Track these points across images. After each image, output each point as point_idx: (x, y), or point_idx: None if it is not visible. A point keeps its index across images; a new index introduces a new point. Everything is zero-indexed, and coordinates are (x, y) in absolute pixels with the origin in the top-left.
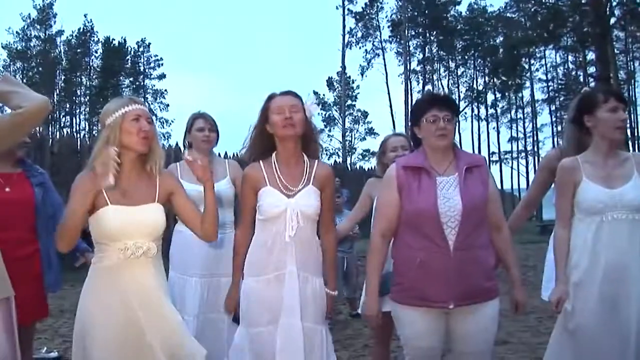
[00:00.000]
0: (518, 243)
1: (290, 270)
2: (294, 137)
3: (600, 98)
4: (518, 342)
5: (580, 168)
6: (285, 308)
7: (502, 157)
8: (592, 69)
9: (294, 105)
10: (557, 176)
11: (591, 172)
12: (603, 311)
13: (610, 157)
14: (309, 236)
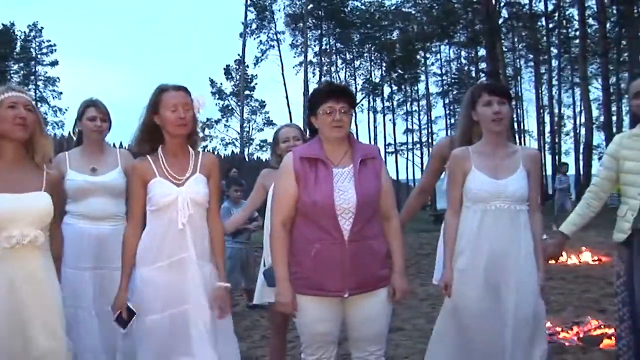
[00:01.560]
0: (413, 232)
1: (189, 255)
2: (182, 134)
3: (476, 93)
4: (412, 329)
5: (470, 158)
6: (189, 293)
7: (397, 148)
8: (483, 65)
9: (187, 104)
10: (449, 165)
11: (480, 162)
12: (486, 296)
13: (499, 149)
14: (200, 223)
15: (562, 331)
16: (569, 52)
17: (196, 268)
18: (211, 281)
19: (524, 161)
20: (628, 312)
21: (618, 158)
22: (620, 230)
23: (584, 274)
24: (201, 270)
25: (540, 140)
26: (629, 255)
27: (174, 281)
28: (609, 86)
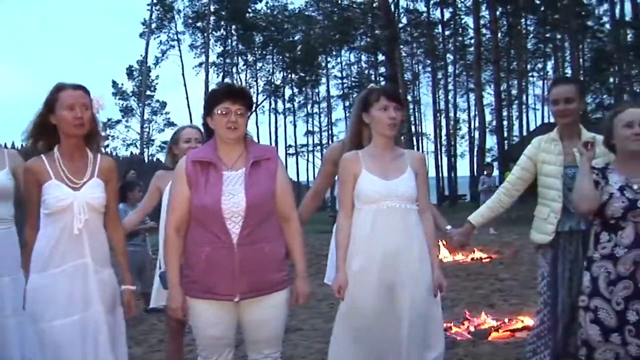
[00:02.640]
0: (313, 232)
1: (85, 262)
2: (79, 135)
3: (373, 97)
4: (311, 329)
5: (360, 161)
6: (86, 299)
7: (298, 150)
8: (383, 69)
9: (85, 103)
10: (340, 168)
11: (370, 165)
12: (381, 296)
13: (388, 152)
14: (97, 228)
15: (454, 326)
16: (464, 59)
17: (93, 274)
18: (111, 287)
19: (412, 163)
20: (549, 314)
21: (536, 161)
22: (543, 232)
23: (475, 271)
24: (99, 276)
25: (437, 143)
26: (554, 257)
27: (70, 288)
28: (501, 92)
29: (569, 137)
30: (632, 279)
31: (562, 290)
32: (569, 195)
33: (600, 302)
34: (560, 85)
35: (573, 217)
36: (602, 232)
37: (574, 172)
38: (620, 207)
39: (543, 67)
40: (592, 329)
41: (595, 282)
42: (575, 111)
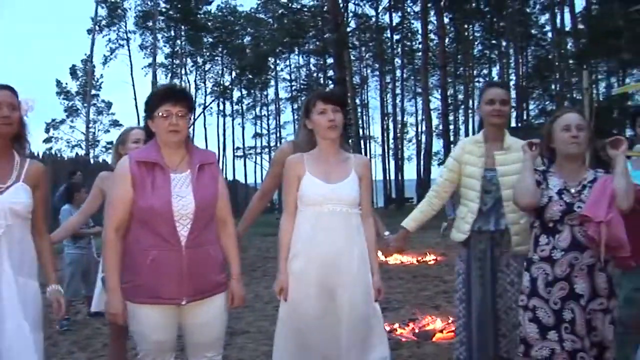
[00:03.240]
0: (260, 235)
1: (4, 271)
2: (6, 135)
3: (311, 103)
4: (257, 331)
5: (304, 163)
6: (6, 311)
7: (246, 152)
8: (331, 72)
9: (12, 104)
10: (284, 170)
11: (313, 168)
12: (321, 298)
13: (332, 155)
14: (20, 236)
15: (399, 328)
16: (412, 63)
17: (11, 283)
18: (33, 297)
19: (356, 167)
20: (464, 310)
21: (461, 162)
22: (460, 230)
23: (421, 273)
24: (18, 285)
25: (384, 146)
26: (467, 255)
27: None
28: (447, 97)
29: (493, 140)
30: (568, 280)
31: (475, 288)
32: (484, 197)
33: (539, 301)
34: (496, 87)
35: (485, 218)
36: (541, 235)
37: (493, 175)
38: (558, 211)
39: (489, 72)
40: (530, 327)
41: (534, 283)
42: (507, 114)
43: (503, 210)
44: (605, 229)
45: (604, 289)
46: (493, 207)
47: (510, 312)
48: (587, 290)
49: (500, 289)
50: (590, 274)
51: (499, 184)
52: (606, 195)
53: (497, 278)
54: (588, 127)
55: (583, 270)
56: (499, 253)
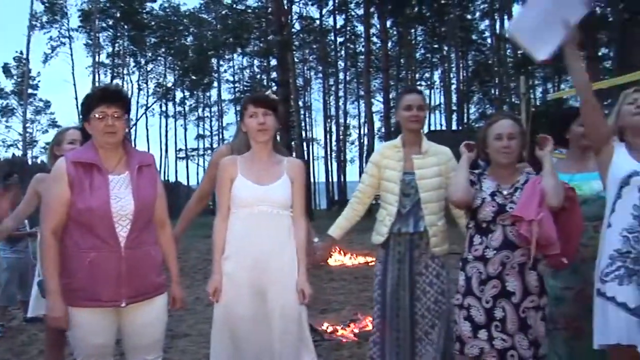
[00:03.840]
0: (201, 237)
1: None
2: None
3: (244, 106)
4: (198, 334)
5: (237, 165)
6: None
7: (188, 154)
8: (275, 74)
9: None
10: (217, 172)
11: (245, 170)
12: (252, 299)
13: (265, 158)
14: None
15: (340, 328)
16: (355, 66)
17: None
18: None
19: (288, 170)
20: (378, 311)
21: (380, 166)
22: (379, 233)
23: (362, 274)
24: None
25: (327, 148)
26: (385, 257)
27: None
28: (390, 100)
29: (411, 145)
30: (500, 278)
31: (391, 289)
32: (403, 200)
33: (472, 300)
34: (413, 93)
35: (404, 220)
36: (475, 235)
37: (411, 178)
38: (490, 212)
39: (430, 76)
40: (464, 325)
41: (469, 282)
42: (423, 118)
43: (422, 213)
44: (536, 227)
45: (535, 286)
46: (412, 210)
47: (427, 315)
48: (518, 288)
49: (419, 291)
50: (522, 272)
51: (417, 186)
52: (536, 195)
53: (416, 281)
54: (521, 134)
55: (514, 269)
56: (418, 254)
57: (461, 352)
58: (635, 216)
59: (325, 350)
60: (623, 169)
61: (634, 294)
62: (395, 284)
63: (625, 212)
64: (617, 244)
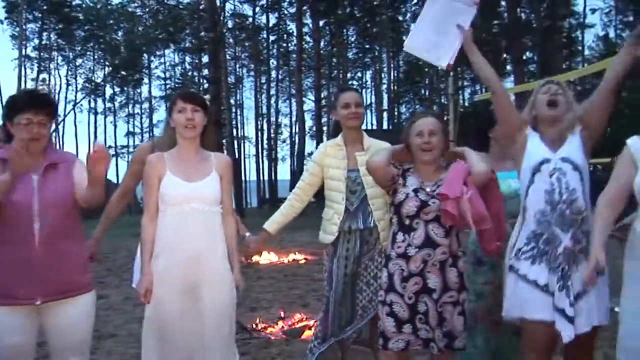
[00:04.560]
0: (130, 235)
1: None
2: None
3: (172, 101)
4: (126, 334)
5: (165, 162)
6: None
7: (118, 151)
8: (207, 71)
9: None
10: (144, 170)
11: (174, 167)
12: (184, 297)
13: (192, 154)
14: None
15: (269, 326)
16: (287, 65)
17: None
18: None
19: (217, 166)
20: (324, 306)
21: (323, 165)
22: (327, 232)
23: (292, 272)
24: None
25: (258, 146)
26: (333, 254)
27: None
28: (321, 99)
29: (352, 143)
30: (421, 275)
31: (337, 285)
32: (350, 197)
33: (395, 296)
34: (350, 91)
35: (353, 217)
36: (398, 233)
37: (356, 175)
38: (414, 206)
39: (362, 76)
40: (388, 321)
41: (391, 279)
42: (362, 115)
43: (370, 209)
44: (467, 204)
45: (455, 282)
46: (360, 206)
47: (368, 306)
48: (439, 284)
49: (362, 284)
50: (442, 270)
51: (363, 183)
52: (460, 175)
53: (359, 274)
54: (443, 132)
55: (435, 266)
56: (367, 250)
57: (384, 347)
58: (547, 201)
59: (254, 348)
60: (535, 157)
61: (543, 273)
62: (342, 281)
63: (539, 197)
64: (532, 225)
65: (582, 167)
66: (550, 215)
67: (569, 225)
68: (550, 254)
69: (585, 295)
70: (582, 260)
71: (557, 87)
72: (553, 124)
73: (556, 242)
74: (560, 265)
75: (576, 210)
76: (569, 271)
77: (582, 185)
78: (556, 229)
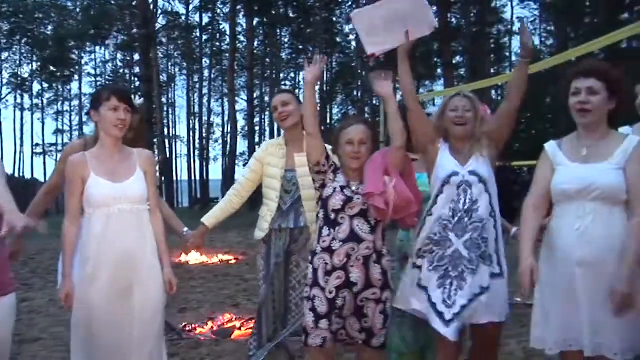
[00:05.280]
0: (57, 236)
1: None
2: None
3: (104, 96)
4: (51, 338)
5: (87, 163)
6: None
7: (46, 149)
8: (138, 69)
9: None
10: (66, 172)
11: (98, 168)
12: (114, 299)
13: (116, 153)
14: None
15: (198, 327)
16: (220, 64)
17: None
18: None
19: (141, 163)
20: (258, 306)
21: (263, 163)
22: (260, 229)
23: (222, 272)
24: None
25: (190, 146)
26: (267, 252)
27: None
28: (254, 99)
29: (293, 143)
30: (344, 269)
31: (271, 282)
32: (284, 197)
33: (317, 291)
34: (281, 93)
35: (284, 216)
36: (324, 227)
37: (292, 175)
38: (340, 200)
39: (295, 77)
40: (309, 317)
41: (316, 273)
42: (293, 113)
43: (302, 210)
44: (392, 194)
45: (378, 280)
46: (292, 206)
47: (300, 304)
48: (361, 279)
49: (294, 282)
50: (366, 265)
51: (298, 184)
52: (378, 167)
53: (292, 272)
54: (372, 139)
55: (359, 261)
56: (297, 249)
57: (305, 343)
58: (451, 208)
59: (183, 349)
60: (445, 170)
61: (426, 270)
62: (276, 278)
63: (445, 204)
64: (434, 229)
65: (487, 179)
66: (449, 220)
67: (465, 232)
68: (435, 254)
69: (480, 296)
70: (481, 264)
71: (465, 103)
72: (462, 140)
73: (446, 245)
74: (445, 266)
75: (476, 218)
76: (452, 272)
77: (487, 196)
78: (451, 233)
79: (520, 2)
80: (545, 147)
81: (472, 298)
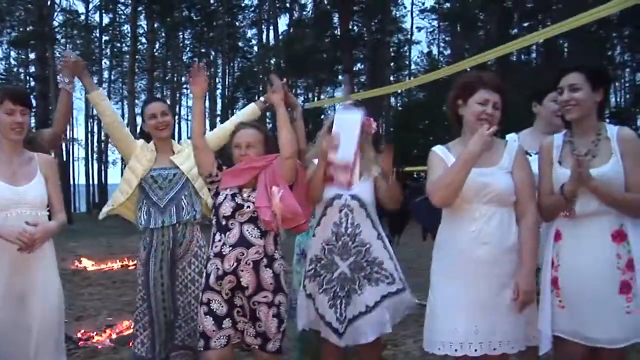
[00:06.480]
0: None
1: None
2: None
3: (1, 99)
4: None
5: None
6: None
7: None
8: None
9: None
10: None
11: (2, 171)
12: (11, 305)
13: (15, 156)
14: None
15: (95, 335)
16: (120, 65)
17: None
18: None
19: (41, 168)
20: (146, 309)
21: (134, 148)
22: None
23: (121, 278)
24: None
25: (88, 149)
26: (147, 256)
27: None
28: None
29: (162, 153)
30: (235, 274)
31: (156, 287)
32: (158, 193)
33: (212, 294)
34: (156, 102)
35: (163, 211)
36: (216, 233)
37: (168, 172)
38: (229, 207)
39: None
40: (207, 320)
41: (208, 278)
42: (170, 124)
43: (183, 203)
44: (278, 206)
45: (270, 284)
46: (171, 201)
47: (189, 307)
48: (252, 283)
49: (181, 286)
50: (256, 269)
51: (176, 179)
52: (269, 178)
53: (178, 276)
54: (263, 142)
55: (249, 265)
56: (181, 253)
57: (206, 347)
58: (333, 232)
59: (80, 358)
60: (329, 192)
61: (314, 289)
62: (160, 283)
63: (327, 227)
64: (318, 251)
65: (368, 205)
66: (334, 245)
67: (349, 255)
68: (323, 277)
69: (364, 315)
70: (366, 284)
71: None
72: None
73: (333, 268)
74: (334, 288)
75: (359, 242)
76: (340, 293)
77: (369, 220)
78: (336, 257)
79: (420, 12)
80: (436, 150)
81: (357, 315)
